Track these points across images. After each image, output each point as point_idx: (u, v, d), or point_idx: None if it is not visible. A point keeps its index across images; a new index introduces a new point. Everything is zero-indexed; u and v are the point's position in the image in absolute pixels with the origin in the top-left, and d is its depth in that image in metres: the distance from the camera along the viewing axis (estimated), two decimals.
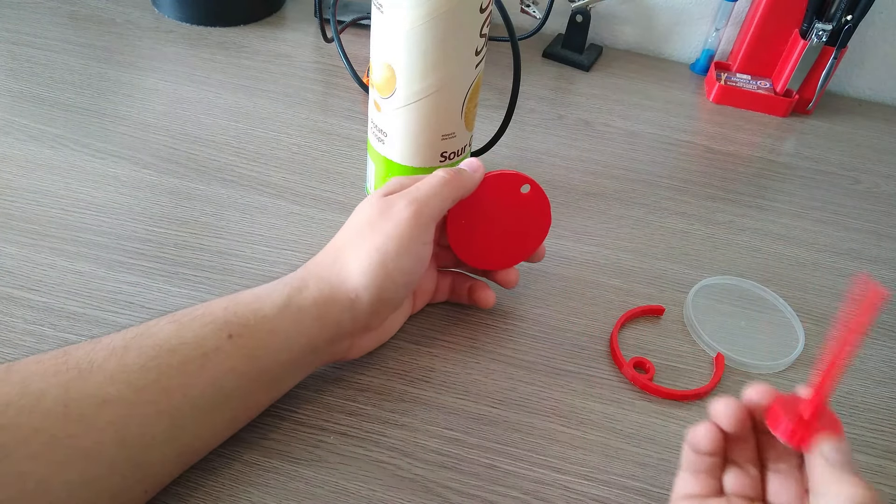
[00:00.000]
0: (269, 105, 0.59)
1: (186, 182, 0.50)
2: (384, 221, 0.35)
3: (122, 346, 0.30)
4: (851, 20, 0.62)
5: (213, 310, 0.32)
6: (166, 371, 0.29)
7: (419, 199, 0.35)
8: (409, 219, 0.34)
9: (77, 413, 0.27)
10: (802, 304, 0.47)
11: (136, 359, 0.29)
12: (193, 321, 0.31)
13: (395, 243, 0.34)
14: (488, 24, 0.41)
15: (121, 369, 0.29)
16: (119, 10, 0.69)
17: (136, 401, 0.28)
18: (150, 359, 0.29)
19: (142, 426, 0.29)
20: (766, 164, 0.61)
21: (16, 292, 0.41)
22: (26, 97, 0.56)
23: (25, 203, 0.47)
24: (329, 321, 0.34)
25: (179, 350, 0.30)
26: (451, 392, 0.39)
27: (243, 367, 0.31)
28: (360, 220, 0.36)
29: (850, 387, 0.42)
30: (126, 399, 0.28)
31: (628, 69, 0.72)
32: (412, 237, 0.34)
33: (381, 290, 0.34)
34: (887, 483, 0.37)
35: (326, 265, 0.35)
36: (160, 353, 0.30)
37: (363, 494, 0.34)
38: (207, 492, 0.33)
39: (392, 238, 0.34)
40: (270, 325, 0.32)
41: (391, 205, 0.35)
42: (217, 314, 0.32)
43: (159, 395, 0.29)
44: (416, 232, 0.35)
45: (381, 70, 0.42)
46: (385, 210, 0.35)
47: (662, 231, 0.52)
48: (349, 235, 0.36)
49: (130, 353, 0.29)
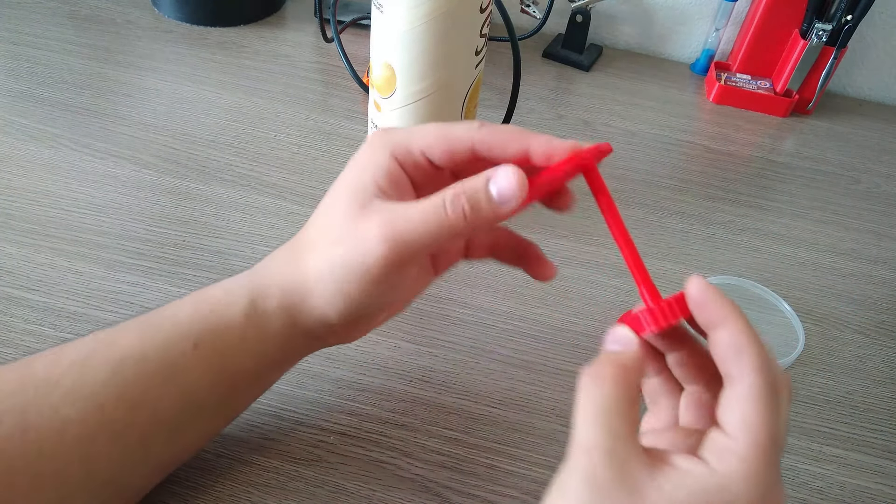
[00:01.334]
0: (269, 105, 0.59)
1: (186, 182, 0.50)
2: (350, 242, 0.27)
3: (84, 358, 0.28)
4: (851, 20, 0.62)
5: (179, 315, 0.29)
6: (130, 386, 0.27)
7: (398, 236, 0.26)
8: (379, 259, 0.26)
9: (36, 439, 0.26)
10: (802, 304, 0.47)
11: (96, 374, 0.27)
12: (158, 328, 0.29)
13: (359, 283, 0.27)
14: (488, 23, 0.41)
15: (80, 386, 0.27)
16: (119, 9, 0.69)
17: (101, 419, 0.27)
18: (113, 373, 0.27)
19: (109, 445, 0.27)
20: (765, 164, 0.61)
21: (15, 292, 0.41)
22: (26, 97, 0.56)
23: (25, 203, 0.47)
24: (301, 326, 0.30)
25: (143, 362, 0.28)
26: (451, 392, 0.39)
27: (213, 377, 0.29)
28: (327, 223, 0.29)
29: (849, 386, 0.42)
30: (89, 419, 0.27)
31: (628, 69, 0.72)
32: (380, 280, 0.27)
33: (351, 315, 0.29)
34: (887, 483, 0.37)
35: (286, 272, 0.30)
36: (122, 366, 0.28)
37: (363, 494, 0.34)
38: (206, 492, 0.33)
39: (356, 274, 0.27)
40: (239, 333, 0.29)
41: (364, 218, 0.27)
42: (181, 320, 0.29)
43: (125, 413, 0.27)
44: (386, 273, 0.27)
45: (380, 70, 0.42)
46: (356, 222, 0.27)
47: (662, 231, 0.52)
48: (313, 238, 0.30)
49: (91, 365, 0.27)
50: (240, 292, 0.30)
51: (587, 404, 0.23)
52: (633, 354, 0.25)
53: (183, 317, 0.29)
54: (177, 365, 0.28)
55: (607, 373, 0.24)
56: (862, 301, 0.48)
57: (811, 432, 0.39)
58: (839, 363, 0.44)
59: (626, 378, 0.24)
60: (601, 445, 0.22)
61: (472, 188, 0.26)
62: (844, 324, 0.47)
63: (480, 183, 0.26)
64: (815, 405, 0.41)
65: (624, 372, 0.24)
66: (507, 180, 0.26)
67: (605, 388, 0.23)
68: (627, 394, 0.24)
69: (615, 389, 0.23)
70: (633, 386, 0.24)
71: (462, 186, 0.26)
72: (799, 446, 0.39)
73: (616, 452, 0.22)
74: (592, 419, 0.23)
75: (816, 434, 0.39)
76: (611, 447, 0.22)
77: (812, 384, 0.42)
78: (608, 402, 0.23)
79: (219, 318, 0.29)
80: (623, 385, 0.24)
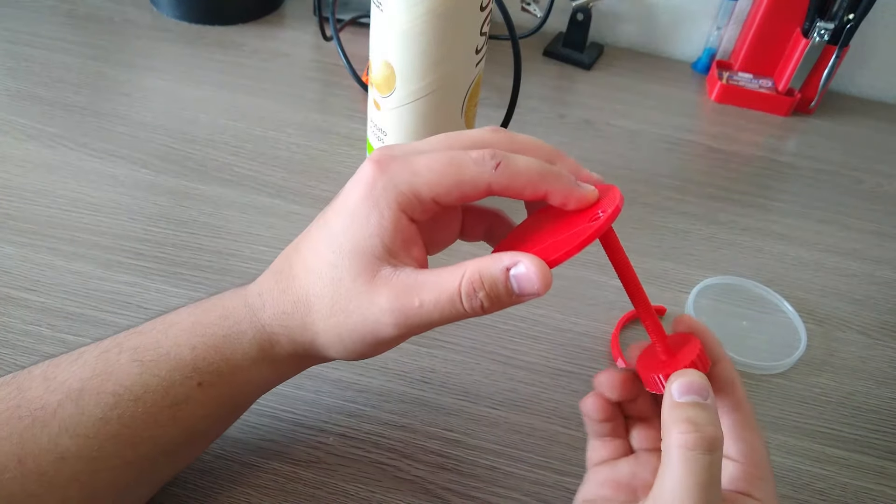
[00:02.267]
0: (268, 104, 0.59)
1: (185, 181, 0.50)
2: (360, 316, 0.26)
3: (79, 389, 0.26)
4: (853, 19, 0.62)
5: (180, 351, 0.28)
6: (130, 423, 0.27)
7: (410, 321, 0.25)
8: (391, 336, 0.26)
9: (35, 469, 0.25)
10: (804, 304, 0.47)
11: (93, 408, 0.26)
12: (158, 364, 0.27)
13: (371, 347, 0.27)
14: (488, 22, 0.41)
15: (78, 419, 0.26)
16: (117, 8, 0.69)
17: (99, 455, 0.26)
18: (110, 408, 0.26)
19: (109, 479, 0.27)
20: (767, 163, 0.61)
21: (14, 292, 0.41)
22: (24, 96, 0.56)
23: (23, 203, 0.46)
24: (311, 363, 0.30)
25: (145, 399, 0.27)
26: (451, 393, 0.39)
27: (218, 412, 0.29)
28: (334, 289, 0.27)
29: (852, 388, 0.42)
30: (87, 455, 0.26)
31: (629, 68, 0.72)
32: (391, 345, 0.27)
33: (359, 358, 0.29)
34: (889, 484, 0.37)
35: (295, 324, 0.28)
36: (121, 401, 0.26)
37: (363, 496, 0.33)
38: (206, 493, 0.33)
39: (367, 343, 0.27)
40: (245, 376, 0.29)
41: (375, 292, 0.26)
42: (184, 357, 0.28)
43: (124, 448, 0.27)
44: (397, 342, 0.27)
45: (380, 68, 0.42)
46: (368, 296, 0.26)
47: (664, 231, 0.52)
48: (319, 296, 0.27)
49: (87, 399, 0.26)
50: (246, 336, 0.28)
51: (696, 476, 0.22)
52: (716, 410, 0.24)
53: (184, 356, 0.28)
54: (181, 405, 0.27)
55: (712, 436, 0.22)
56: (864, 301, 0.48)
57: (813, 433, 0.39)
58: (841, 364, 0.44)
59: (720, 442, 0.23)
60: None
61: (491, 280, 0.24)
62: (847, 324, 0.46)
63: (499, 274, 0.24)
64: (816, 406, 0.41)
65: (719, 435, 0.23)
66: (529, 276, 0.24)
67: (714, 455, 0.22)
68: (720, 459, 0.23)
69: (719, 455, 0.22)
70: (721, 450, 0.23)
71: (479, 276, 0.24)
72: (801, 447, 0.38)
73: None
74: (703, 492, 0.22)
75: (818, 435, 0.39)
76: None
77: (814, 385, 0.42)
78: (715, 472, 0.22)
79: (224, 360, 0.28)
80: (720, 450, 0.23)
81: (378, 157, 0.26)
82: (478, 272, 0.24)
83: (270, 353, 0.29)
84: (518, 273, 0.24)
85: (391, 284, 0.26)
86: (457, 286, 0.24)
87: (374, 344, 0.27)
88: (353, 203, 0.26)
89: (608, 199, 0.26)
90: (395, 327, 0.26)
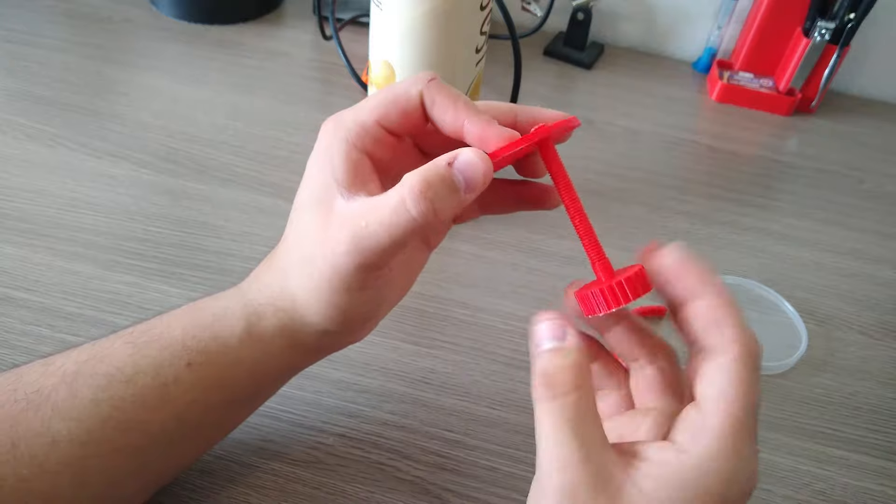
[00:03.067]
0: (268, 104, 0.59)
1: (184, 181, 0.50)
2: (321, 256, 0.26)
3: (73, 373, 0.27)
4: (854, 18, 0.61)
5: (172, 330, 0.28)
6: (120, 405, 0.26)
7: (364, 246, 0.25)
8: (352, 270, 0.26)
9: (27, 453, 0.25)
10: (805, 304, 0.47)
11: (86, 390, 0.26)
12: (150, 344, 0.28)
13: (343, 293, 0.26)
14: (488, 21, 0.41)
15: (70, 403, 0.26)
16: (116, 7, 0.69)
17: (90, 440, 0.26)
18: (102, 389, 0.26)
19: (100, 466, 0.26)
20: (768, 163, 0.61)
21: (13, 292, 0.40)
22: (23, 96, 0.56)
23: (22, 202, 0.46)
24: (300, 344, 0.29)
25: (135, 380, 0.27)
26: (451, 393, 0.39)
27: (208, 398, 0.28)
28: (297, 237, 0.28)
29: (852, 388, 0.42)
30: (78, 439, 0.26)
31: (630, 67, 0.71)
32: (363, 286, 0.26)
33: (349, 321, 0.28)
34: (890, 484, 0.37)
35: (276, 291, 0.29)
36: (112, 382, 0.27)
37: (362, 497, 0.33)
38: (205, 493, 0.33)
39: (336, 286, 0.26)
40: (235, 355, 0.28)
41: (330, 226, 0.26)
42: (175, 336, 0.28)
43: (115, 433, 0.26)
44: (366, 278, 0.26)
45: (380, 68, 0.42)
46: (324, 232, 0.26)
47: (664, 230, 0.52)
48: (290, 251, 0.28)
49: (81, 381, 0.26)
50: (234, 313, 0.29)
51: (551, 419, 0.22)
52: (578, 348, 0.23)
53: (175, 336, 0.28)
54: (170, 386, 0.27)
55: (561, 380, 0.22)
56: (865, 301, 0.48)
57: (814, 433, 0.39)
58: (842, 364, 0.44)
59: (582, 377, 0.23)
60: (575, 458, 0.21)
61: (436, 177, 0.23)
62: (847, 324, 0.46)
63: (442, 171, 0.24)
64: (817, 406, 0.41)
65: (578, 372, 0.23)
66: (472, 163, 0.24)
67: (567, 397, 0.22)
68: (588, 395, 0.23)
69: (576, 395, 0.22)
70: (590, 384, 0.23)
71: (423, 177, 0.23)
72: (801, 447, 0.38)
73: (591, 461, 0.22)
74: (561, 433, 0.22)
75: (819, 435, 0.39)
76: (585, 457, 0.21)
77: (815, 385, 0.42)
78: (572, 411, 0.22)
79: (212, 338, 0.28)
80: (582, 387, 0.22)
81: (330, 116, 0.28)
82: (420, 174, 0.24)
83: (258, 329, 0.28)
84: (460, 163, 0.24)
85: (343, 214, 0.26)
86: (400, 195, 0.24)
87: (341, 287, 0.26)
88: (311, 159, 0.28)
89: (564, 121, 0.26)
90: (347, 255, 0.25)
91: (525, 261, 0.47)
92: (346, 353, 0.39)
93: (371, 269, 0.26)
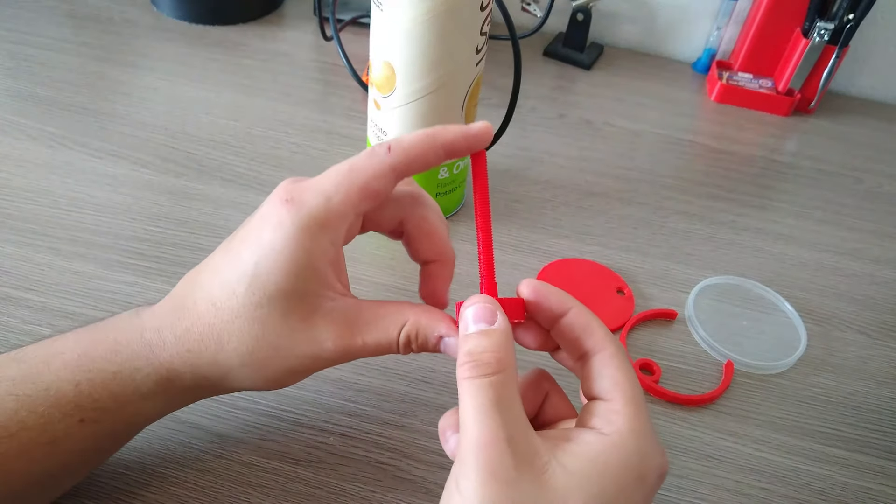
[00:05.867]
0: (269, 104, 0.59)
1: (185, 181, 0.50)
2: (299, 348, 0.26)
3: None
4: (853, 19, 0.62)
5: (62, 386, 0.26)
6: (2, 460, 0.25)
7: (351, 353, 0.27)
8: (320, 368, 0.27)
9: None
10: (804, 304, 0.47)
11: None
12: (36, 399, 0.26)
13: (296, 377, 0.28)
14: (488, 22, 0.41)
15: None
16: (117, 8, 0.69)
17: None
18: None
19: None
20: (768, 163, 0.61)
21: (13, 292, 0.40)
22: (24, 96, 0.56)
23: (23, 202, 0.46)
24: (210, 392, 0.29)
25: (19, 436, 0.25)
26: (452, 393, 0.39)
27: (99, 445, 0.28)
28: (266, 321, 0.26)
29: (852, 387, 0.42)
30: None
31: (630, 68, 0.72)
32: (306, 374, 0.28)
33: (277, 386, 0.28)
34: (889, 484, 0.37)
35: (204, 360, 0.27)
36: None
37: (363, 496, 0.33)
38: (205, 493, 0.33)
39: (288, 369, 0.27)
40: (134, 409, 0.27)
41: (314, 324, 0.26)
42: (66, 394, 0.26)
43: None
44: (317, 370, 0.28)
45: (380, 68, 0.42)
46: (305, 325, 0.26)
47: (664, 231, 0.52)
48: (230, 326, 0.26)
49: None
50: (141, 372, 0.27)
51: (475, 399, 0.22)
52: (505, 331, 0.24)
53: (66, 392, 0.26)
54: (59, 441, 0.26)
55: (487, 360, 0.23)
56: (864, 301, 0.48)
57: (813, 433, 0.39)
58: (841, 364, 0.44)
59: (508, 360, 0.23)
60: (500, 437, 0.22)
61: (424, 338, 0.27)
62: (847, 324, 0.46)
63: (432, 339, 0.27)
64: (817, 406, 0.41)
65: (504, 354, 0.23)
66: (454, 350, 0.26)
67: (492, 377, 0.23)
68: (512, 377, 0.23)
69: (501, 376, 0.23)
70: (514, 367, 0.24)
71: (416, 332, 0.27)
72: (801, 447, 0.38)
73: (515, 440, 0.22)
74: (486, 413, 0.22)
75: (818, 435, 0.39)
76: (510, 436, 0.22)
77: (814, 385, 0.42)
78: (497, 391, 0.23)
79: (111, 397, 0.27)
80: (507, 369, 0.23)
81: (281, 192, 0.26)
82: (416, 328, 0.27)
83: (168, 388, 0.28)
84: (447, 343, 0.27)
85: (332, 319, 0.26)
86: (396, 335, 0.27)
87: (302, 373, 0.27)
88: (269, 240, 0.25)
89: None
90: (333, 361, 0.27)
91: (525, 261, 0.47)
92: None
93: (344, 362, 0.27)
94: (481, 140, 0.27)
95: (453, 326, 0.27)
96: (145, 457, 0.34)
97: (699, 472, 0.37)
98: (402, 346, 0.27)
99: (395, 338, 0.27)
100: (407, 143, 0.26)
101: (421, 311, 0.27)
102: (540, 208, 0.52)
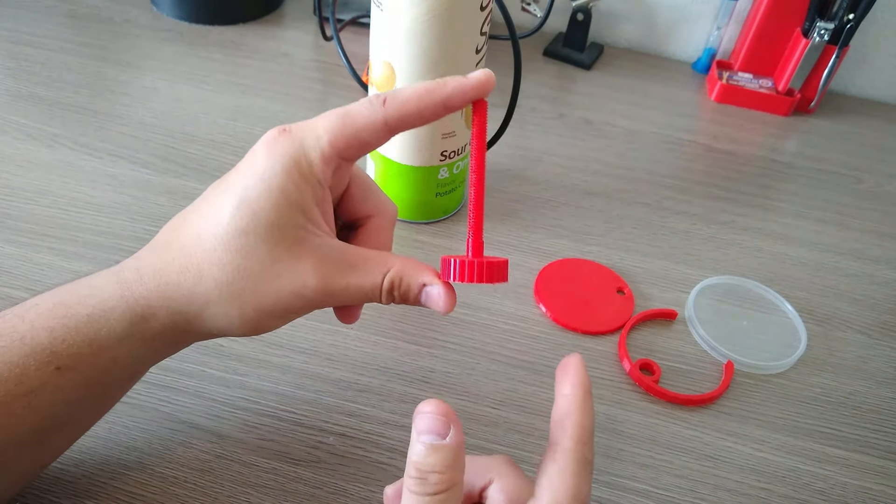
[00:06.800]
0: (268, 104, 0.59)
1: (185, 181, 0.50)
2: (281, 281, 0.26)
3: None
4: (853, 19, 0.62)
5: (36, 334, 0.26)
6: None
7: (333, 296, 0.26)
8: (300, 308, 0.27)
9: None
10: (805, 304, 0.47)
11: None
12: (11, 350, 0.26)
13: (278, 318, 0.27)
14: (488, 22, 0.41)
15: None
16: (117, 8, 0.69)
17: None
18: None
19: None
20: (768, 163, 0.61)
21: (14, 292, 0.41)
22: (24, 96, 0.56)
23: (23, 202, 0.46)
24: (187, 339, 0.29)
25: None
26: (451, 393, 0.39)
27: (79, 395, 0.27)
28: (246, 251, 0.26)
29: (852, 387, 0.42)
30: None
31: (630, 68, 0.72)
32: (289, 317, 0.27)
33: (251, 333, 0.28)
34: (889, 484, 0.37)
35: (181, 293, 0.27)
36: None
37: (362, 496, 0.33)
38: (205, 492, 0.33)
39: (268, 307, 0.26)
40: (110, 355, 0.27)
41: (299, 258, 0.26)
42: (41, 341, 0.26)
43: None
44: (300, 314, 0.27)
45: (380, 68, 0.42)
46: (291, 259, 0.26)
47: (664, 231, 0.52)
48: (212, 256, 0.26)
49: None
50: (114, 312, 0.27)
51: None
52: (456, 448, 0.23)
53: (41, 341, 0.26)
54: (36, 392, 0.26)
55: (435, 479, 0.23)
56: (864, 301, 0.48)
57: (813, 433, 0.39)
58: (841, 364, 0.44)
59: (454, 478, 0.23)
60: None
61: (407, 286, 0.27)
62: (847, 324, 0.46)
63: (415, 287, 0.27)
64: (817, 406, 0.41)
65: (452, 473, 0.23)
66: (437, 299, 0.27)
67: (436, 496, 0.22)
68: (457, 494, 0.23)
69: (445, 495, 0.23)
70: (461, 483, 0.23)
71: (400, 279, 0.27)
72: (801, 447, 0.38)
73: None
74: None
75: (818, 435, 0.39)
76: None
77: (814, 385, 0.42)
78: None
79: (86, 342, 0.27)
80: (453, 487, 0.23)
81: (276, 128, 0.26)
82: (400, 276, 0.27)
83: (143, 328, 0.27)
84: (429, 292, 0.27)
85: (317, 255, 0.26)
86: (380, 281, 0.27)
87: (281, 315, 0.27)
88: (263, 169, 0.26)
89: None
90: (313, 301, 0.26)
91: (525, 261, 0.47)
92: (346, 353, 0.40)
93: (321, 308, 0.27)
94: (482, 89, 0.26)
95: (436, 277, 0.27)
96: (145, 457, 0.34)
97: (699, 472, 0.37)
98: (384, 292, 0.27)
99: (379, 283, 0.27)
100: (403, 97, 0.26)
101: (406, 260, 0.27)
102: (540, 208, 0.52)
